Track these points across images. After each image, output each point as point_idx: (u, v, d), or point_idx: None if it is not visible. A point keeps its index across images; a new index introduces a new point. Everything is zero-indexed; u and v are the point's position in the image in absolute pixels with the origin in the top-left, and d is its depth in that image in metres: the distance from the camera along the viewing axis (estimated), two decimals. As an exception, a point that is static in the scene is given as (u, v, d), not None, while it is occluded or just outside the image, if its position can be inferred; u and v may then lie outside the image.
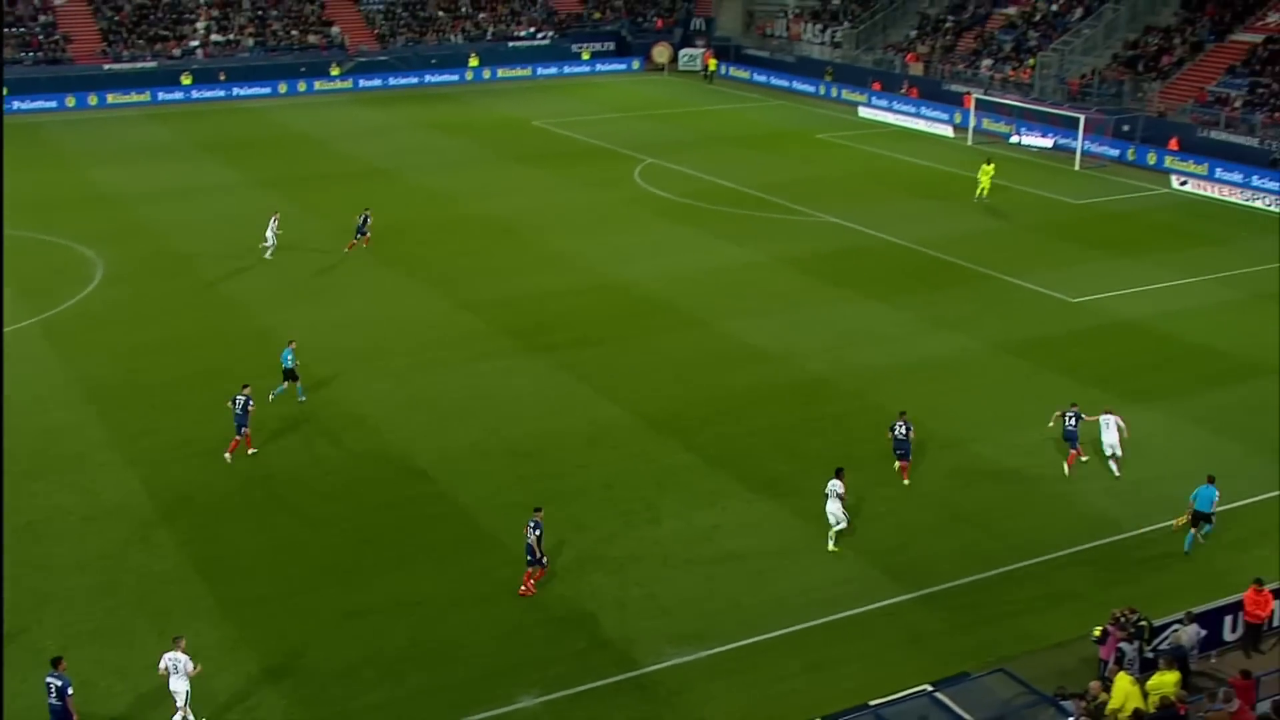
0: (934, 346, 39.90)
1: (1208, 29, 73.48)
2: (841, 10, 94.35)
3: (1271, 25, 70.88)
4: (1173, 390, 36.77)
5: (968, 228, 54.10)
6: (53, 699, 21.40)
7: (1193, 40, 73.21)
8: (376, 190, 59.38)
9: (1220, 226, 55.27)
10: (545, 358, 38.93)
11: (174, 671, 22.07)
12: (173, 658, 22.15)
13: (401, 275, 46.96)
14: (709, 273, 47.37)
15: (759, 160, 66.50)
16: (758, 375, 37.70)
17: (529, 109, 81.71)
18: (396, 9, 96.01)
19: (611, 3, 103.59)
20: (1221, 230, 54.64)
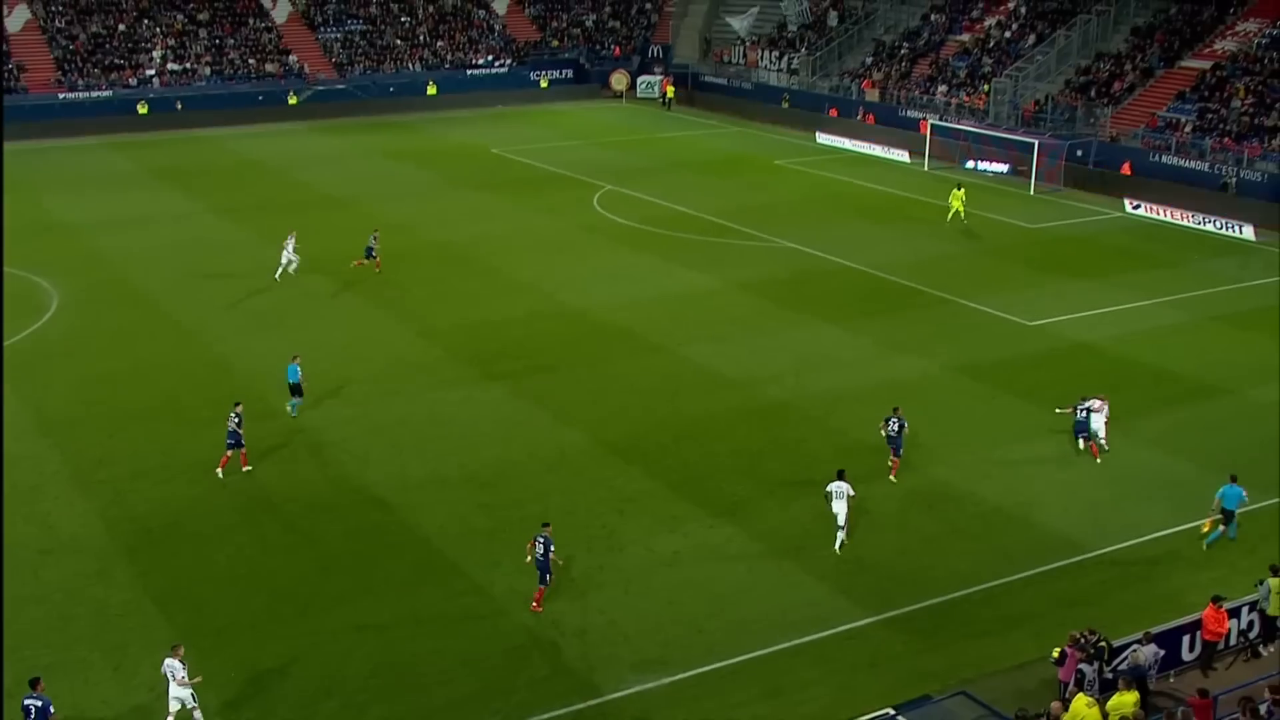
0: (892, 370, 40.07)
1: (1157, 56, 74.40)
2: (798, 38, 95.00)
3: (1219, 52, 71.85)
4: (1128, 412, 37.03)
5: (925, 252, 54.44)
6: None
7: (1143, 67, 74.10)
8: (335, 219, 59.25)
9: (1172, 250, 55.86)
10: (504, 385, 38.85)
11: (171, 679, 22.46)
12: (169, 665, 22.55)
13: (360, 303, 46.79)
14: (668, 299, 47.43)
15: (717, 186, 66.73)
16: (718, 400, 37.73)
17: (487, 136, 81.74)
18: (354, 38, 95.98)
19: (569, 31, 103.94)
20: (1174, 253, 55.22)
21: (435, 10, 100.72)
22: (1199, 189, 62.89)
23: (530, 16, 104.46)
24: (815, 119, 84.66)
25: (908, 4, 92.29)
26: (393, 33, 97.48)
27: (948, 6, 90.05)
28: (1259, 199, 60.84)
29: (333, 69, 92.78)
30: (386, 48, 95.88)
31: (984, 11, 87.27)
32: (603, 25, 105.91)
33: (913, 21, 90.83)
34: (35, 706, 21.29)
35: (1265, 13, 72.89)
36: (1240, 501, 29.51)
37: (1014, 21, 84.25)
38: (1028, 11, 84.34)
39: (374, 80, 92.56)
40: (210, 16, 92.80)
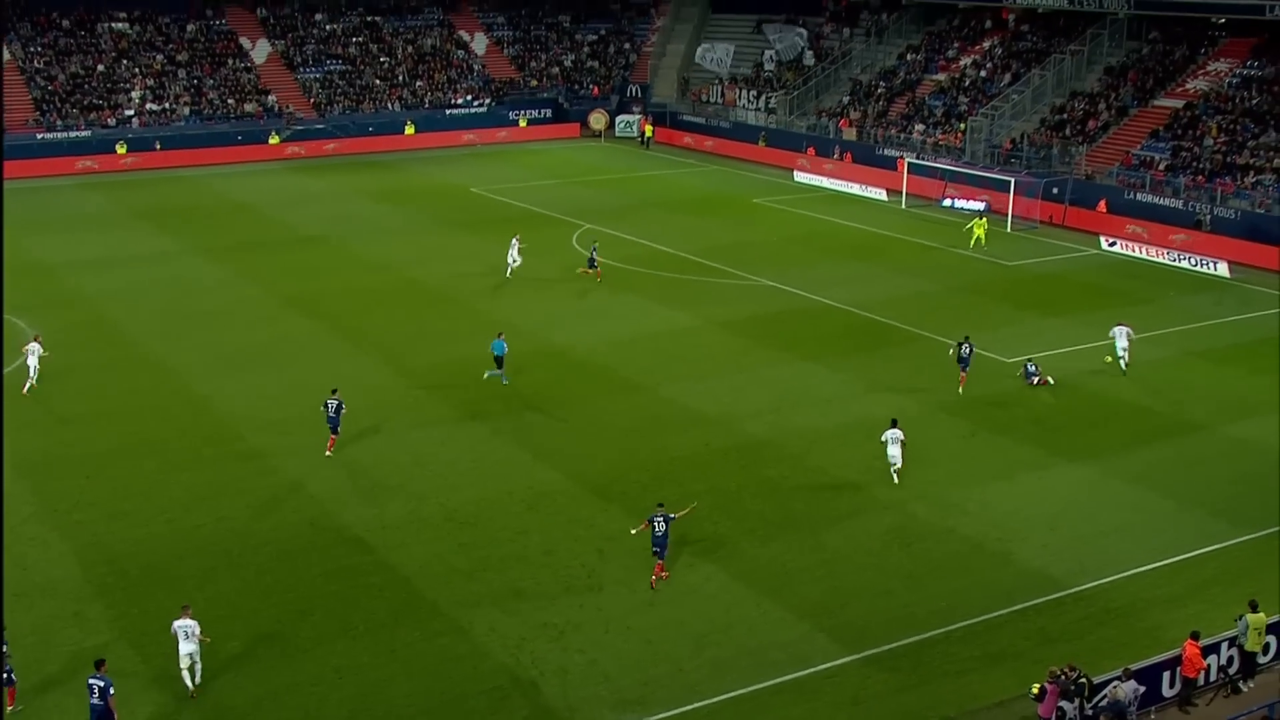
0: (871, 407, 40.14)
1: (1131, 94, 75.11)
2: (775, 77, 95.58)
3: (1191, 91, 72.56)
4: (1106, 448, 37.18)
5: (902, 290, 54.65)
6: (95, 699, 23.01)
7: (1117, 105, 74.77)
8: (314, 258, 59.24)
9: (1148, 286, 56.20)
10: (484, 424, 38.79)
11: (185, 637, 24.88)
12: (183, 624, 25.01)
13: (340, 342, 46.72)
14: (647, 337, 47.49)
15: (695, 225, 66.95)
16: (697, 439, 37.74)
17: (467, 176, 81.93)
18: (333, 78, 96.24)
19: (548, 71, 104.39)
20: (1149, 290, 55.55)
21: (414, 50, 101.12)
22: (1174, 226, 63.38)
23: (509, 56, 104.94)
24: (793, 158, 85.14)
25: (884, 44, 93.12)
26: (372, 73, 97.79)
27: (924, 46, 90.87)
28: (1233, 236, 61.35)
29: (312, 109, 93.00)
30: (366, 88, 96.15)
31: (959, 51, 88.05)
32: (581, 65, 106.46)
33: (889, 61, 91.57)
34: (99, 686, 23.09)
35: (1234, 53, 73.79)
36: None
37: (989, 61, 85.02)
38: (1003, 51, 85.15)
39: (353, 120, 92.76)
40: (189, 57, 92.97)
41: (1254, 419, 39.73)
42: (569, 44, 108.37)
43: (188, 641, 24.93)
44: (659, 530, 29.00)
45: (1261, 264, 59.11)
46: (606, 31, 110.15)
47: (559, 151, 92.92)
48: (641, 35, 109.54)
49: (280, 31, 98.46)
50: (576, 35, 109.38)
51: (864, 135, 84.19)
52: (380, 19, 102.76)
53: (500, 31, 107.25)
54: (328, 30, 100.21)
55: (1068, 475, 35.44)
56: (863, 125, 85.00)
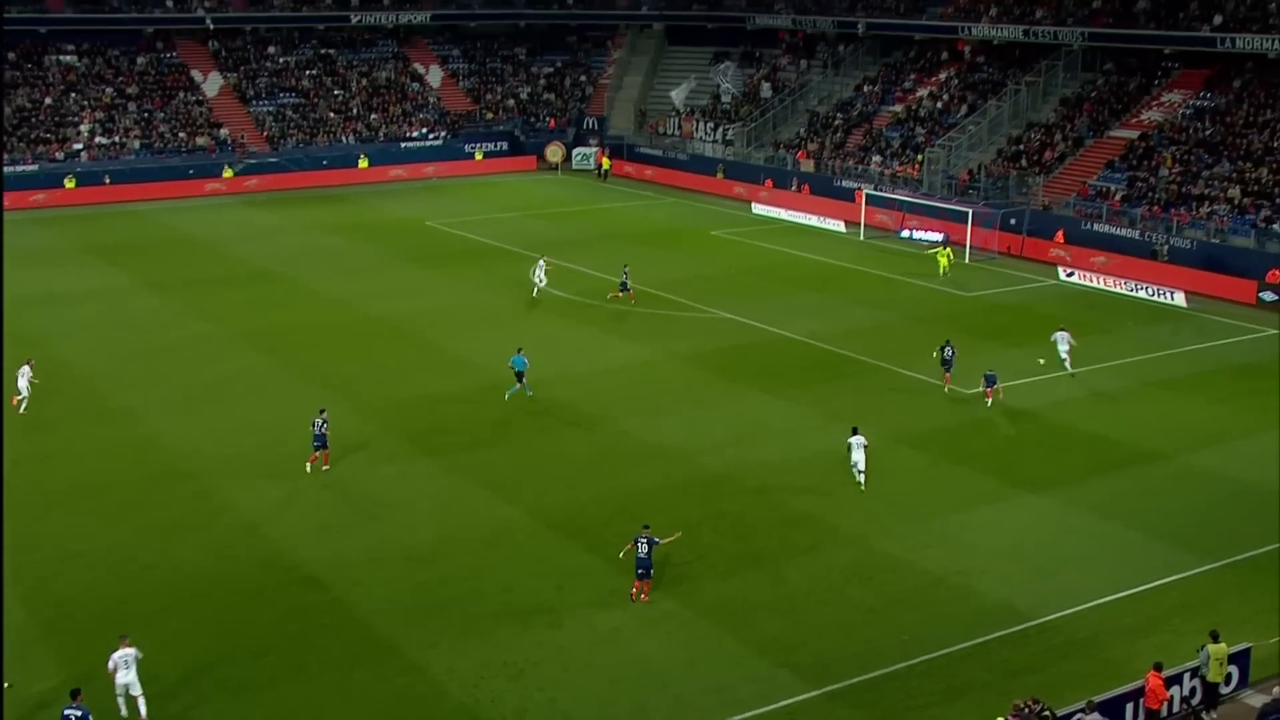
0: (831, 439, 40.17)
1: (1087, 125, 76.00)
2: (733, 109, 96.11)
3: (1146, 122, 73.50)
4: (1067, 478, 37.40)
5: (861, 321, 54.92)
6: None
7: (1073, 136, 75.62)
8: (267, 293, 58.97)
9: (1106, 316, 56.66)
10: (441, 460, 38.63)
11: (124, 667, 24.79)
12: (123, 654, 24.86)
13: (294, 378, 46.46)
14: (606, 371, 47.48)
15: (654, 257, 67.08)
16: (657, 473, 37.72)
17: (422, 209, 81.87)
18: (286, 111, 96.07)
19: (504, 103, 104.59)
20: (1107, 320, 56.01)
21: (368, 83, 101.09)
22: (1131, 256, 64.02)
23: (464, 89, 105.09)
24: (752, 190, 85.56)
25: (841, 75, 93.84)
26: (326, 106, 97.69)
27: (880, 78, 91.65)
28: (1189, 265, 62.01)
29: (265, 142, 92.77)
30: (320, 121, 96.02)
31: (916, 83, 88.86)
32: (537, 97, 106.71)
33: (846, 93, 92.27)
34: (75, 716, 23.17)
35: (1188, 84, 74.81)
36: None
37: (945, 92, 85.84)
38: (959, 83, 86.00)
39: (307, 154, 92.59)
40: (139, 90, 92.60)
41: (1213, 448, 40.10)
42: (525, 76, 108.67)
43: (127, 672, 24.93)
44: (642, 552, 29.74)
45: (1218, 294, 59.77)
46: (563, 64, 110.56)
47: (516, 184, 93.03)
48: (598, 68, 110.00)
49: (232, 64, 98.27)
50: (532, 68, 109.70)
51: (822, 167, 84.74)
52: (334, 51, 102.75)
53: (455, 64, 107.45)
54: (281, 63, 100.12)
55: (1028, 506, 35.62)
56: (820, 157, 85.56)
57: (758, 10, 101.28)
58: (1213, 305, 58.56)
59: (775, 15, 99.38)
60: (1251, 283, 59.44)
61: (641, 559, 29.81)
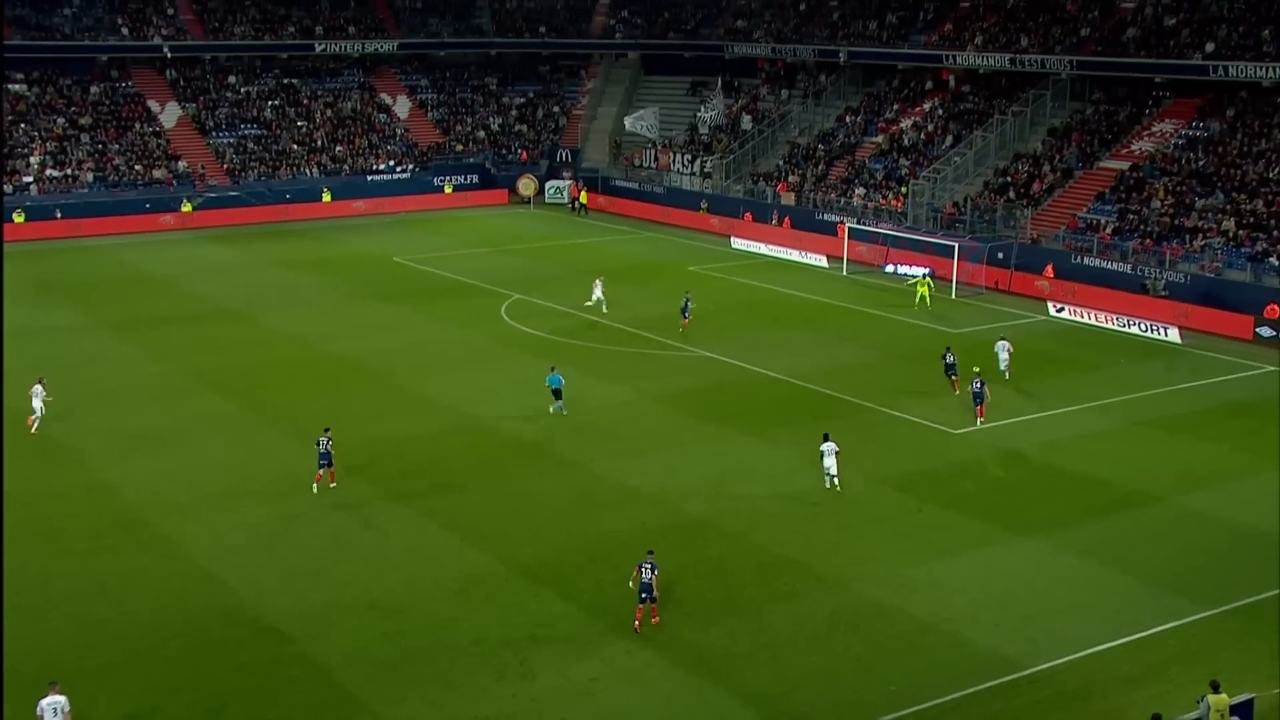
0: (814, 482, 40.23)
1: (1076, 156, 76.54)
2: (712, 140, 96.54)
3: (1137, 153, 74.07)
4: (1058, 521, 37.45)
5: (845, 359, 55.05)
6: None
7: (1062, 167, 76.13)
8: (227, 332, 58.80)
9: (1097, 353, 56.94)
10: (408, 505, 38.48)
11: (52, 715, 25.00)
12: (51, 702, 25.04)
13: (254, 420, 46.28)
14: (580, 412, 47.43)
15: (630, 294, 67.17)
16: (634, 518, 37.63)
17: (389, 245, 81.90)
18: (247, 142, 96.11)
19: (474, 135, 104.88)
20: (1098, 356, 56.27)
21: (333, 114, 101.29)
22: (1122, 291, 64.38)
23: (433, 120, 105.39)
24: (730, 223, 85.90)
25: (822, 106, 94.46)
26: (289, 137, 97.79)
27: (863, 108, 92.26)
28: (1182, 300, 62.36)
29: (225, 175, 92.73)
30: (282, 153, 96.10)
31: (899, 113, 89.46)
32: (509, 129, 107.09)
33: (827, 123, 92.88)
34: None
35: (1180, 114, 75.44)
36: None
37: (930, 122, 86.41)
38: (944, 113, 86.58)
39: (269, 187, 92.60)
40: (93, 120, 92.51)
41: (1209, 490, 40.23)
42: (496, 107, 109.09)
43: None
44: (645, 577, 30.54)
45: (1213, 329, 60.14)
46: (535, 94, 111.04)
47: (486, 219, 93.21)
48: (571, 98, 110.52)
49: (191, 94, 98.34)
50: (503, 98, 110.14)
51: (803, 199, 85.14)
52: (297, 81, 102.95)
53: (424, 94, 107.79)
54: (242, 93, 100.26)
55: (1018, 551, 35.65)
56: (801, 189, 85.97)
57: (736, 39, 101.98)
58: (1208, 341, 58.91)
59: (754, 44, 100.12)
60: (1248, 318, 59.81)
61: (645, 584, 30.60)
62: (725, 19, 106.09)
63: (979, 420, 45.99)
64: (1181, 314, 60.98)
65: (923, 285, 64.12)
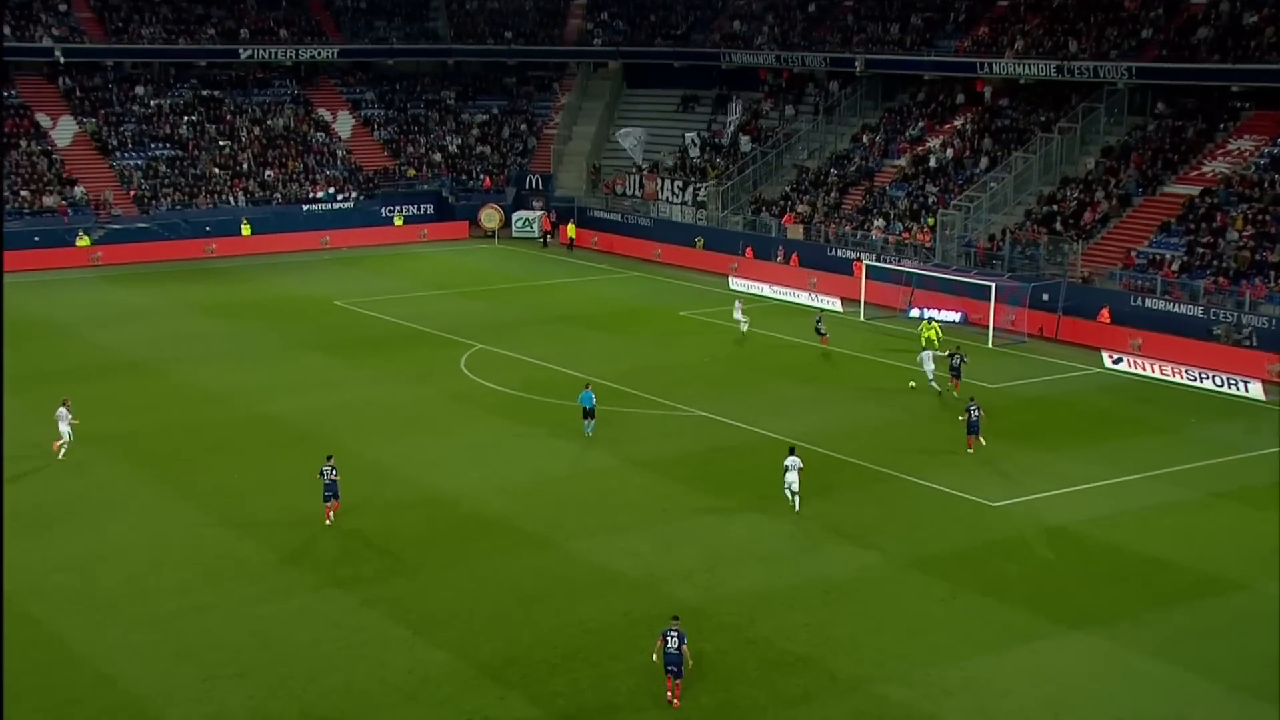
0: (827, 565, 40.11)
1: (1135, 180, 76.64)
2: (706, 165, 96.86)
3: (1209, 175, 74.07)
4: (1118, 613, 37.26)
5: (863, 419, 55.05)
6: None
7: (1119, 194, 76.26)
8: (134, 388, 58.62)
9: (1163, 412, 56.89)
10: (350, 593, 38.25)
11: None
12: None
13: (167, 494, 46.04)
14: (553, 481, 47.32)
15: (610, 344, 67.17)
16: (615, 607, 37.43)
17: (329, 286, 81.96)
18: (159, 165, 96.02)
19: (429, 158, 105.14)
20: (1165, 417, 56.21)
21: (262, 132, 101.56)
22: (1192, 339, 64.37)
23: (381, 140, 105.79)
24: (727, 261, 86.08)
25: (835, 123, 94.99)
26: (209, 159, 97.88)
27: (883, 126, 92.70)
28: (1267, 349, 62.10)
29: (132, 203, 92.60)
30: (201, 177, 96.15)
31: (924, 130, 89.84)
32: (469, 151, 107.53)
33: (841, 144, 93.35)
34: None
35: (1261, 128, 75.29)
36: None
37: (961, 142, 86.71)
38: (978, 130, 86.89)
39: (185, 218, 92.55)
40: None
41: (1296, 573, 40.07)
42: (454, 125, 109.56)
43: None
44: (671, 646, 31.38)
45: (1302, 384, 60.12)
46: (499, 110, 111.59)
47: (443, 256, 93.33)
48: (542, 115, 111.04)
49: (90, 107, 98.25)
50: (463, 115, 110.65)
51: (813, 233, 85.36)
52: (219, 93, 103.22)
53: (369, 110, 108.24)
54: (152, 106, 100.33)
55: (1072, 646, 35.46)
56: (811, 221, 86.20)
57: (734, 46, 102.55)
58: (1296, 398, 58.83)
59: (755, 52, 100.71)
60: (1345, 371, 59.83)
61: (671, 654, 31.37)
62: (721, 22, 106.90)
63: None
64: (1266, 366, 61.00)
65: (930, 329, 63.07)
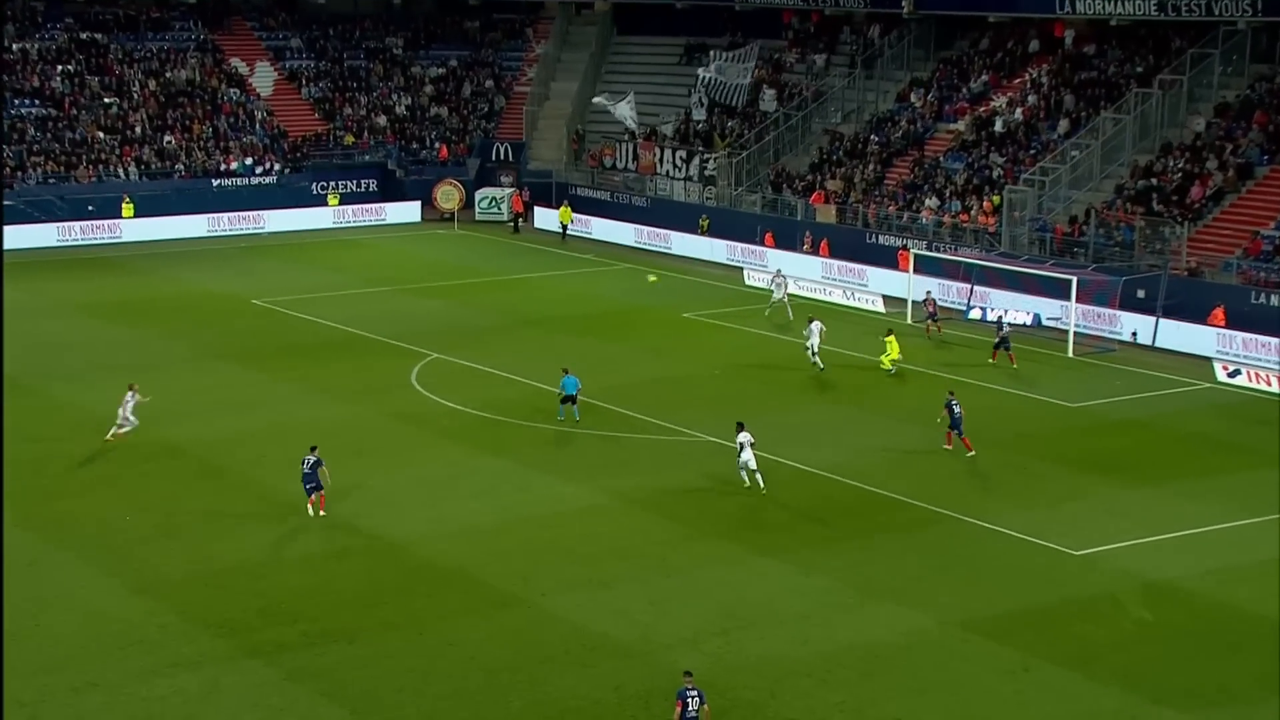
0: (866, 627, 40.06)
1: (1258, 146, 76.46)
2: (715, 131, 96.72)
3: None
4: (1241, 692, 37.00)
5: (909, 446, 55.10)
6: None
7: (1237, 163, 75.94)
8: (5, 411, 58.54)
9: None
10: (272, 664, 38.19)
11: None
12: None
13: (38, 542, 45.98)
14: (525, 523, 47.34)
15: (597, 353, 67.16)
16: (603, 678, 37.41)
17: (246, 281, 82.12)
18: (26, 127, 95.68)
19: (371, 121, 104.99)
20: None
21: (159, 87, 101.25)
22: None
23: (310, 99, 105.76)
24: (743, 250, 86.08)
25: (877, 77, 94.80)
26: (90, 120, 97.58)
27: (936, 81, 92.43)
28: None
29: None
30: (81, 143, 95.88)
31: (989, 86, 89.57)
32: (421, 112, 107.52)
33: (885, 103, 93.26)
34: None
35: None
36: None
37: (1034, 99, 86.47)
38: (1055, 83, 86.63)
39: (61, 195, 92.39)
40: None
41: None
42: (402, 80, 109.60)
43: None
44: (692, 710, 32.51)
45: None
46: (459, 63, 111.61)
47: (389, 243, 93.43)
48: (512, 68, 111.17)
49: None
50: (413, 67, 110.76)
51: (848, 215, 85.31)
52: (103, 37, 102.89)
53: (295, 60, 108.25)
54: (15, 52, 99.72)
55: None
56: (846, 200, 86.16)
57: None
58: None
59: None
60: None
61: (690, 718, 32.37)
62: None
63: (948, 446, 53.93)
64: None
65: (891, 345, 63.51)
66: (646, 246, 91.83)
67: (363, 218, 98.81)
